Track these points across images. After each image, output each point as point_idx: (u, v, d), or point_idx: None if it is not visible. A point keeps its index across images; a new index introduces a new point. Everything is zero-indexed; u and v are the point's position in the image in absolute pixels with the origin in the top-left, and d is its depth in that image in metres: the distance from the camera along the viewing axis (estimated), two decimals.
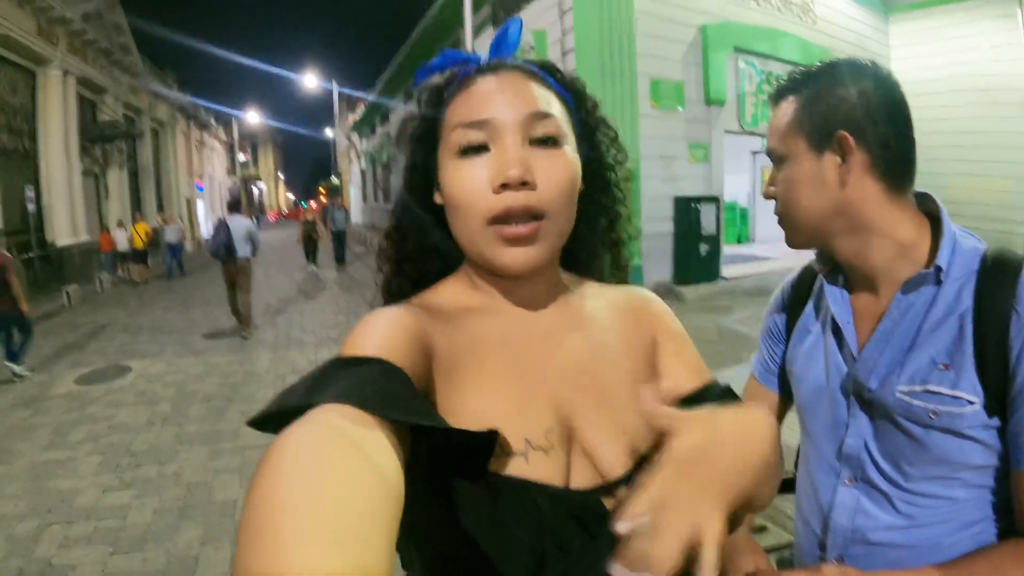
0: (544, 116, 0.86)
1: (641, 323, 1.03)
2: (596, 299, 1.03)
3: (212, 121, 45.64)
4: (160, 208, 27.27)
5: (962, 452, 1.12)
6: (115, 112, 22.43)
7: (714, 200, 12.67)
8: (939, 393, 1.12)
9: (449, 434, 0.69)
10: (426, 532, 0.72)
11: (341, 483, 0.53)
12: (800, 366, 1.41)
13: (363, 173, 41.11)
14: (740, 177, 18.62)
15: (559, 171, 0.85)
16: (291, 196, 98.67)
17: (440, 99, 0.93)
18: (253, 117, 55.46)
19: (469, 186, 0.84)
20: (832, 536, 1.31)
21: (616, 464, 0.85)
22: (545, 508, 0.77)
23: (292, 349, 9.44)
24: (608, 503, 0.82)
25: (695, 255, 12.29)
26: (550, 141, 0.86)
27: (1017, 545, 1.10)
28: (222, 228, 10.22)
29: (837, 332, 1.33)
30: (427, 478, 0.67)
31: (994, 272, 1.13)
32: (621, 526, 0.62)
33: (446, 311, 0.90)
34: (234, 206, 11.05)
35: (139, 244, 18.69)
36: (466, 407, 0.81)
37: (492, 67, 0.92)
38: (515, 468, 0.78)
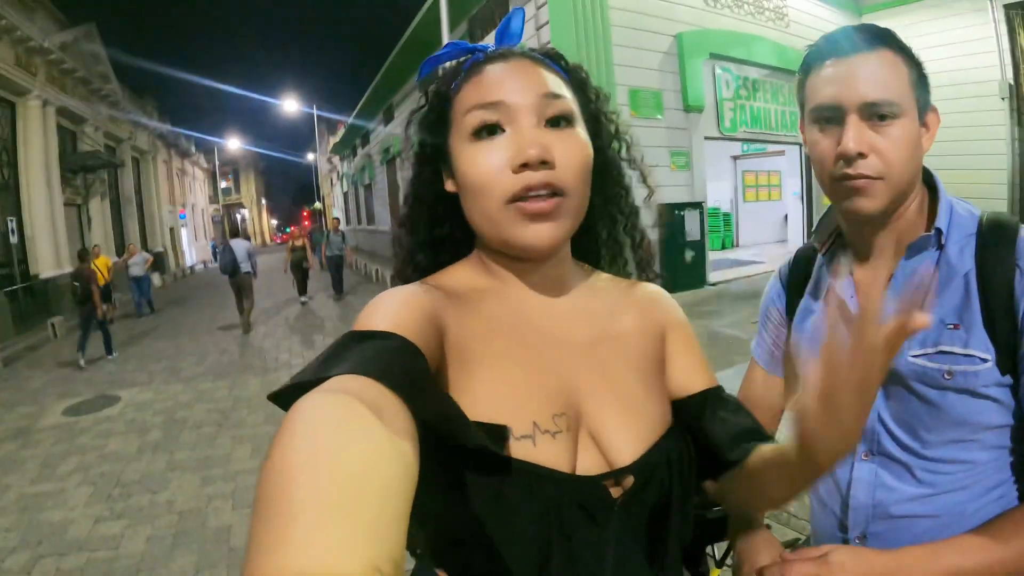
0: (556, 96, 0.87)
1: (651, 316, 1.04)
2: (607, 289, 1.04)
3: (193, 149, 45.46)
4: (144, 238, 26.91)
5: (979, 412, 1.13)
6: (96, 142, 22.18)
7: (697, 206, 12.77)
8: (952, 352, 1.13)
9: (457, 424, 0.70)
10: (432, 515, 0.73)
11: (357, 450, 0.53)
12: (806, 346, 1.37)
13: (345, 195, 40.96)
14: (722, 183, 18.75)
15: (575, 150, 0.86)
16: (274, 222, 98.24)
17: (448, 88, 0.94)
18: (234, 144, 55.35)
19: (487, 168, 0.84)
20: (853, 515, 1.29)
21: (624, 451, 0.85)
22: (551, 494, 0.77)
23: (282, 372, 9.35)
24: (614, 491, 0.83)
25: (681, 262, 12.39)
26: (563, 121, 0.87)
27: None
28: (228, 250, 13.01)
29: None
30: (434, 458, 0.65)
31: (993, 234, 1.16)
32: None
33: (459, 292, 0.91)
34: (235, 231, 16.27)
35: (101, 280, 14.41)
36: (476, 388, 0.81)
37: (500, 55, 0.93)
38: (522, 451, 0.78)
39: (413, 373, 0.67)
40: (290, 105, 37.52)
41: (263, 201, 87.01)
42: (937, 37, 15.55)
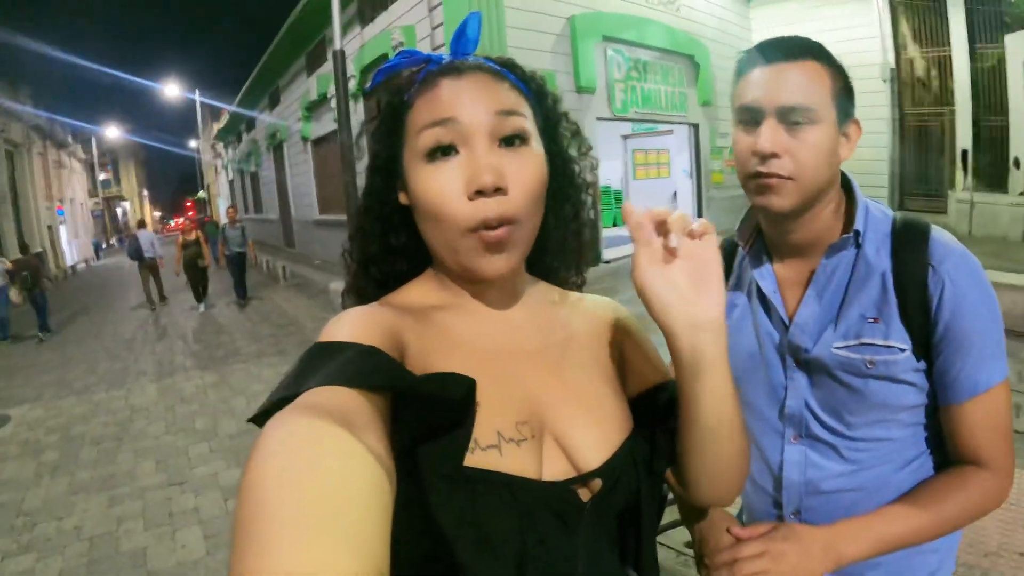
0: (511, 113, 0.86)
1: (603, 323, 1.07)
2: (559, 301, 1.06)
3: (70, 139, 43.25)
4: (21, 238, 25.14)
5: (897, 395, 1.26)
6: None
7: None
8: (873, 344, 1.26)
9: (432, 386, 0.72)
10: (403, 533, 0.66)
11: (333, 465, 0.54)
12: (730, 339, 1.40)
13: (231, 183, 39.70)
14: (612, 162, 19.05)
15: (529, 172, 0.86)
16: (157, 214, 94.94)
17: (401, 99, 0.92)
18: (114, 132, 53.18)
19: (442, 194, 0.83)
20: (786, 493, 1.40)
21: (589, 456, 0.86)
22: (523, 501, 0.78)
23: (177, 376, 8.90)
24: (583, 494, 0.85)
25: None
26: (518, 139, 0.86)
27: (951, 473, 1.27)
28: (135, 239, 15.52)
29: (764, 302, 1.43)
30: (404, 473, 0.66)
31: (906, 234, 1.28)
32: None
33: (416, 309, 0.91)
34: (141, 224, 16.75)
35: None
36: None
37: (454, 67, 0.90)
38: (489, 461, 0.78)
39: (384, 365, 0.71)
40: (171, 90, 36.22)
41: (145, 192, 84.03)
42: (824, 23, 16.57)
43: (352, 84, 13.08)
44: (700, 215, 16.69)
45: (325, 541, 0.48)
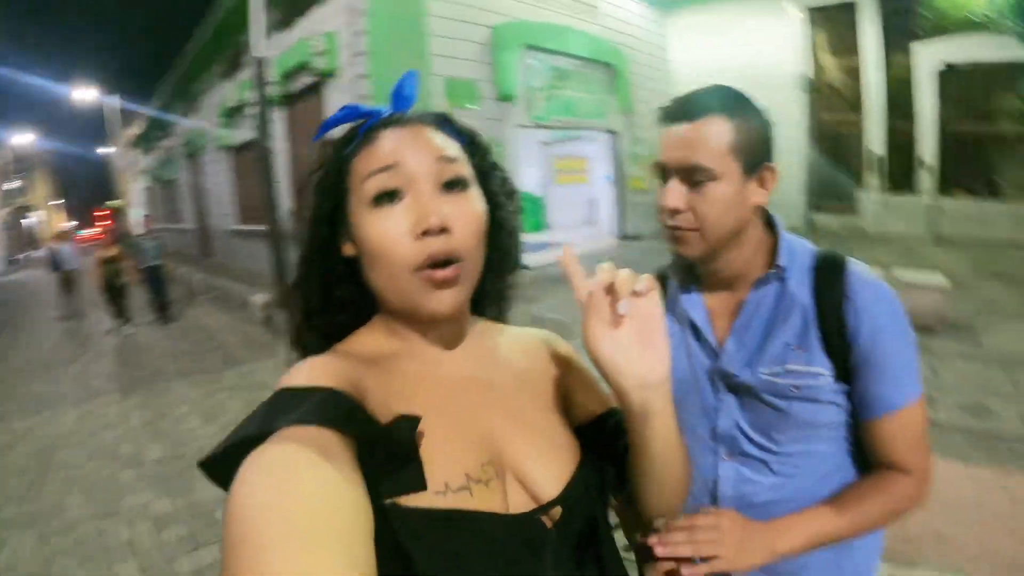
0: (451, 160, 0.92)
1: (545, 356, 1.14)
2: (504, 337, 1.12)
3: None
4: None
5: (820, 414, 1.39)
6: None
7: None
8: (797, 370, 1.38)
9: (395, 430, 0.79)
10: (380, 568, 0.69)
11: (315, 487, 0.61)
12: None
13: (147, 192, 38.45)
14: (532, 169, 19.17)
15: (471, 214, 0.92)
16: (71, 224, 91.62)
17: (344, 151, 0.97)
18: (22, 139, 51.30)
19: (390, 236, 0.87)
20: (722, 506, 1.48)
21: (547, 486, 0.92)
22: (496, 535, 0.83)
23: (98, 399, 8.45)
24: (545, 522, 0.89)
25: None
26: (459, 184, 0.92)
27: (874, 477, 1.39)
28: (55, 251, 15.77)
29: (695, 331, 1.55)
30: (379, 525, 0.70)
31: (825, 268, 1.41)
32: None
33: (371, 358, 0.94)
34: (62, 236, 17.09)
35: None
36: None
37: (394, 120, 0.96)
38: (461, 502, 0.82)
39: (351, 411, 0.76)
40: (84, 94, 34.99)
41: (57, 201, 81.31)
42: (740, 33, 17.41)
43: (271, 91, 12.88)
44: (621, 220, 16.98)
45: (316, 551, 0.54)
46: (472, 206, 0.93)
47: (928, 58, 15.04)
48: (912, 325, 1.38)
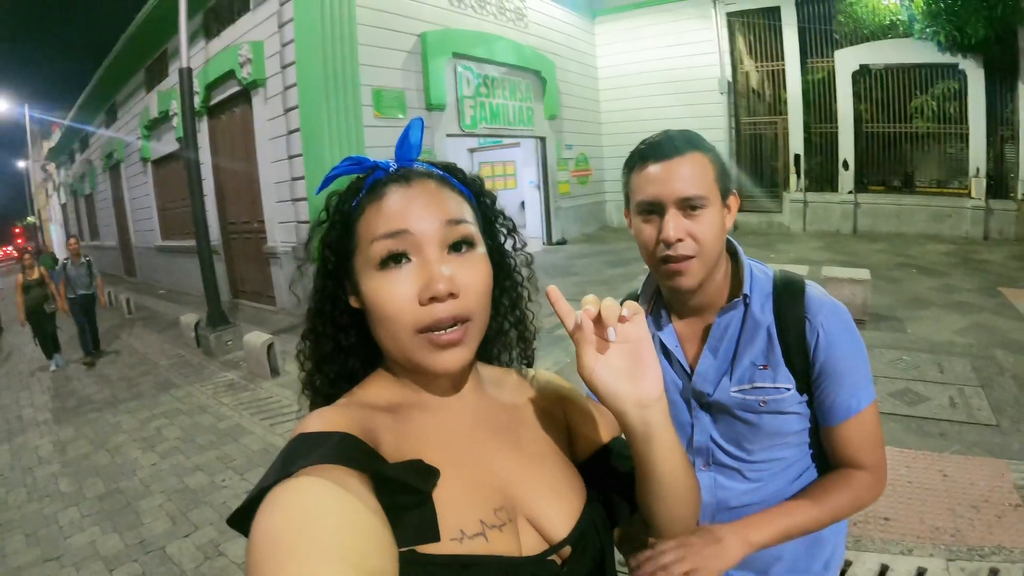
0: (458, 222, 0.92)
1: (547, 397, 1.16)
2: (503, 381, 1.14)
3: None
4: None
5: (786, 424, 1.52)
6: None
7: None
8: (764, 387, 1.50)
9: (410, 474, 0.80)
10: None
11: (338, 513, 0.64)
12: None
13: (64, 207, 37.22)
14: None
15: (478, 275, 0.92)
16: None
17: (350, 206, 0.97)
18: None
19: (395, 300, 0.88)
20: (700, 512, 1.51)
21: (558, 527, 0.94)
22: None
23: (29, 433, 7.86)
24: (557, 560, 0.93)
25: None
26: (465, 245, 0.92)
27: (837, 474, 1.51)
28: None
29: (667, 354, 1.64)
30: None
31: (785, 292, 1.53)
32: None
33: (381, 407, 0.94)
34: None
35: None
36: None
37: (401, 175, 0.95)
38: (477, 548, 0.84)
39: (367, 452, 0.78)
40: None
41: None
42: (664, 39, 17.88)
43: (196, 101, 12.61)
44: (549, 224, 17.15)
45: (335, 569, 0.57)
46: (479, 266, 0.93)
47: (846, 62, 15.69)
48: None
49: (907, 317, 8.08)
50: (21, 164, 45.75)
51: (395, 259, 0.88)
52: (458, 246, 0.91)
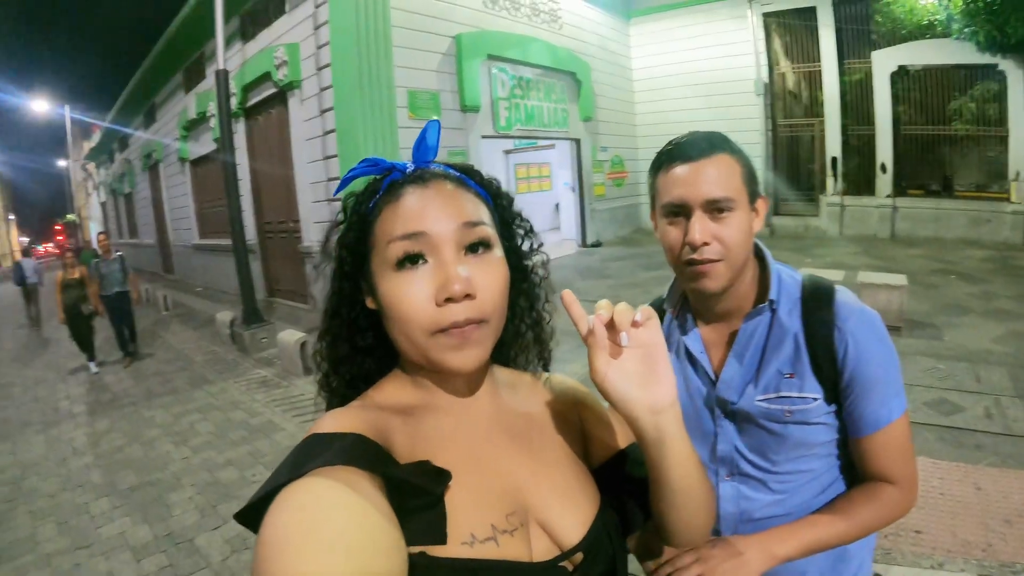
0: (474, 224, 0.92)
1: (562, 401, 1.15)
2: (518, 384, 1.13)
3: None
4: None
5: (813, 435, 1.47)
6: None
7: None
8: (790, 396, 1.45)
9: (421, 476, 0.81)
10: None
11: (347, 513, 0.66)
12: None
13: (103, 206, 37.87)
14: (495, 176, 19.30)
15: (494, 276, 0.92)
16: (24, 240, 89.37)
17: (367, 207, 0.97)
18: None
19: (412, 301, 0.88)
20: (723, 523, 1.58)
21: (571, 533, 0.94)
22: None
23: (64, 424, 8.06)
24: (568, 566, 0.92)
25: None
26: (482, 247, 0.92)
27: (864, 487, 1.46)
28: (18, 266, 17.31)
29: (692, 361, 1.61)
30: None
31: (814, 299, 1.47)
32: None
33: (395, 409, 0.94)
34: (25, 252, 17.84)
35: None
36: None
37: (418, 176, 0.95)
38: (488, 552, 0.84)
39: (379, 454, 0.79)
40: (39, 105, 34.36)
41: (10, 216, 79.85)
42: (699, 40, 17.69)
43: (233, 103, 12.75)
44: (584, 227, 17.12)
45: (340, 562, 0.59)
46: (495, 268, 0.93)
47: (884, 63, 15.41)
48: None
49: (944, 324, 7.90)
50: (61, 163, 46.62)
51: (412, 260, 0.88)
52: (475, 248, 0.91)
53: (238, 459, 6.13)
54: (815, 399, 1.44)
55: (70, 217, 43.96)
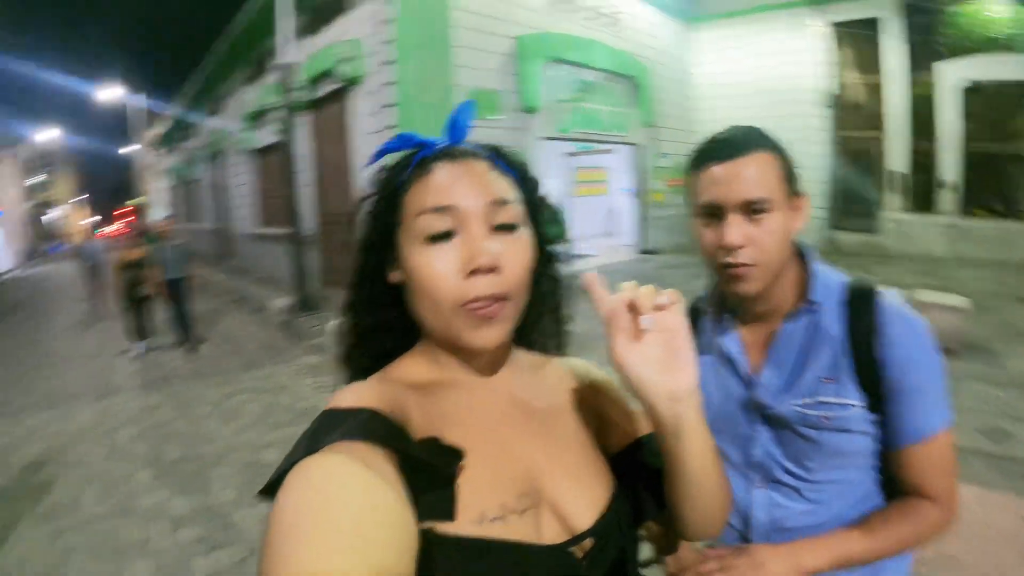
0: (504, 203, 0.93)
1: (581, 385, 1.14)
2: (538, 367, 1.13)
3: (2, 142, 42.06)
4: None
5: (851, 444, 1.40)
6: None
7: None
8: (829, 402, 1.39)
9: (435, 455, 0.83)
10: None
11: (358, 495, 0.65)
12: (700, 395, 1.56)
13: (169, 191, 38.75)
14: (554, 179, 19.17)
15: (520, 255, 0.93)
16: (92, 220, 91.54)
17: (397, 181, 0.98)
18: (48, 135, 51.74)
19: (438, 273, 0.88)
20: (755, 531, 1.53)
21: (581, 517, 0.92)
22: (529, 564, 0.84)
23: (115, 397, 8.40)
24: (577, 552, 0.90)
25: None
26: (509, 226, 0.93)
27: (901, 503, 1.41)
28: (84, 246, 17.54)
29: (729, 363, 1.57)
30: (420, 549, 0.73)
31: (857, 301, 1.42)
32: None
33: (413, 385, 0.95)
34: (92, 232, 19.69)
35: None
36: None
37: (449, 153, 0.96)
38: (497, 532, 0.83)
39: (394, 430, 0.80)
40: (109, 93, 35.17)
41: (79, 197, 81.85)
42: (764, 48, 17.35)
43: (297, 96, 12.96)
44: (641, 233, 16.98)
45: (349, 556, 0.57)
46: (521, 247, 0.94)
47: (951, 76, 14.98)
48: None
49: (1004, 351, 7.53)
50: (129, 149, 47.73)
51: (440, 234, 0.89)
52: (502, 226, 0.92)
53: (281, 441, 6.24)
54: (855, 406, 1.38)
55: (137, 200, 44.83)
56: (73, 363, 10.87)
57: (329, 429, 0.76)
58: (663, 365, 0.88)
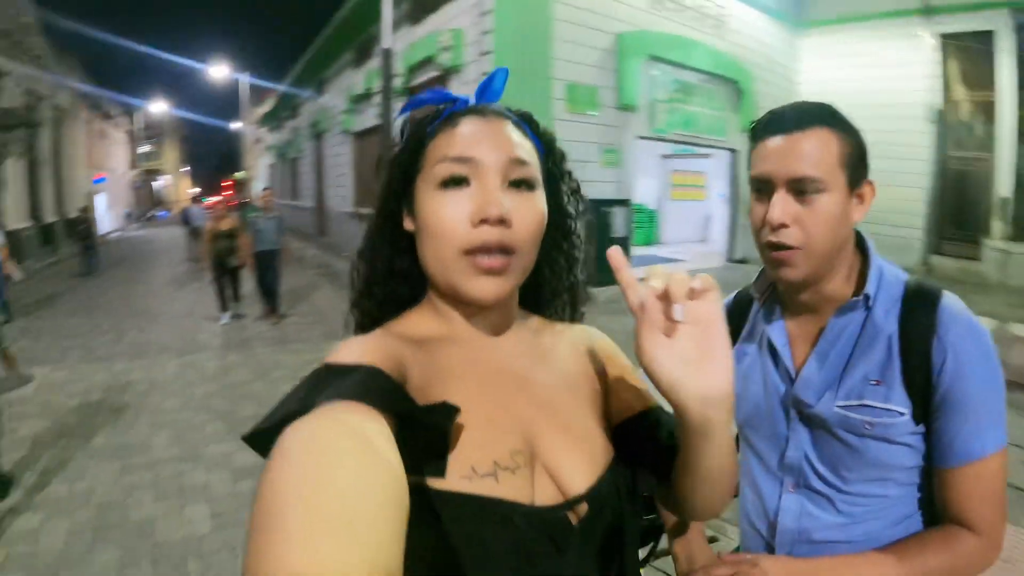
0: (522, 163, 0.92)
1: (588, 352, 1.12)
2: (549, 332, 1.11)
3: (115, 111, 43.68)
4: (59, 203, 25.37)
5: (894, 456, 1.29)
6: (14, 98, 20.94)
7: (625, 203, 12.86)
8: (873, 406, 1.28)
9: (429, 414, 0.78)
10: (408, 555, 0.70)
11: (349, 469, 0.60)
12: (739, 386, 1.51)
13: (271, 168, 40.05)
14: (649, 180, 18.97)
15: (532, 213, 0.92)
16: (195, 190, 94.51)
17: (424, 131, 0.98)
18: (158, 107, 53.55)
19: (448, 218, 0.88)
20: (780, 538, 1.44)
21: (577, 481, 0.90)
22: (520, 524, 0.82)
23: (199, 354, 8.96)
24: (571, 517, 0.88)
25: (606, 257, 12.31)
26: (525, 185, 0.92)
27: (939, 531, 1.29)
28: (187, 211, 21.21)
29: (773, 354, 1.47)
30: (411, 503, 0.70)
31: (916, 300, 1.30)
32: None
33: (416, 339, 0.95)
34: (195, 199, 21.08)
35: None
36: None
37: (478, 110, 0.97)
38: (486, 488, 0.81)
39: (391, 388, 0.76)
40: (218, 71, 36.25)
41: (185, 168, 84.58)
42: (872, 58, 16.37)
43: (398, 82, 13.17)
44: (733, 240, 16.75)
45: (337, 541, 0.54)
46: (534, 205, 0.93)
47: None
48: (1019, 382, 1.31)
49: None
50: (235, 125, 49.36)
51: (456, 182, 0.89)
52: (518, 183, 0.91)
53: None
54: (901, 414, 1.26)
55: (240, 174, 46.11)
56: (163, 319, 11.58)
57: (326, 385, 0.74)
58: (696, 364, 0.80)
